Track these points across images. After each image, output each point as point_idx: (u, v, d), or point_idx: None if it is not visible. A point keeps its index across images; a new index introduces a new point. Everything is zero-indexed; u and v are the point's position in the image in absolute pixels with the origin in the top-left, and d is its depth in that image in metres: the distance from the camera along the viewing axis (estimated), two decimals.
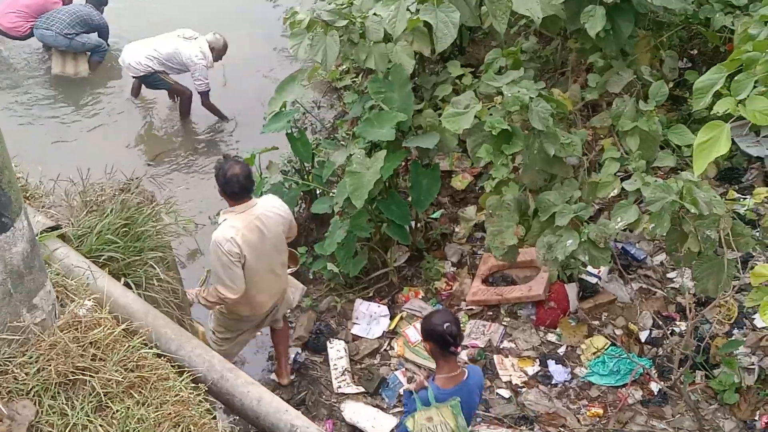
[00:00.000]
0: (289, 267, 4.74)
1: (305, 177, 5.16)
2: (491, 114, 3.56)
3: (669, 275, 4.76)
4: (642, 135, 3.61)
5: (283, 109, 4.87)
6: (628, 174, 3.52)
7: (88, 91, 7.26)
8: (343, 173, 4.45)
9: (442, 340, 3.02)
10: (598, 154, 4.04)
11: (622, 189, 3.45)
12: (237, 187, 3.68)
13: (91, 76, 7.38)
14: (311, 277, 5.15)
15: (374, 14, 4.29)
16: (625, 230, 4.24)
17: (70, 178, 3.27)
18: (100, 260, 2.97)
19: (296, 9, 4.61)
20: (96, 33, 7.36)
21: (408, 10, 4.07)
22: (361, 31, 4.37)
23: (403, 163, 4.97)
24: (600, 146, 4.11)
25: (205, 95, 6.59)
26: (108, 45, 7.42)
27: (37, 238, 2.28)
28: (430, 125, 4.46)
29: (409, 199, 4.74)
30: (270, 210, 3.84)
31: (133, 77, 6.73)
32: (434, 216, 5.33)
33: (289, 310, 4.61)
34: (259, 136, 5.75)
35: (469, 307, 4.79)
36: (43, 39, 7.27)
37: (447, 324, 3.01)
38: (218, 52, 6.58)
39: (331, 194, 4.72)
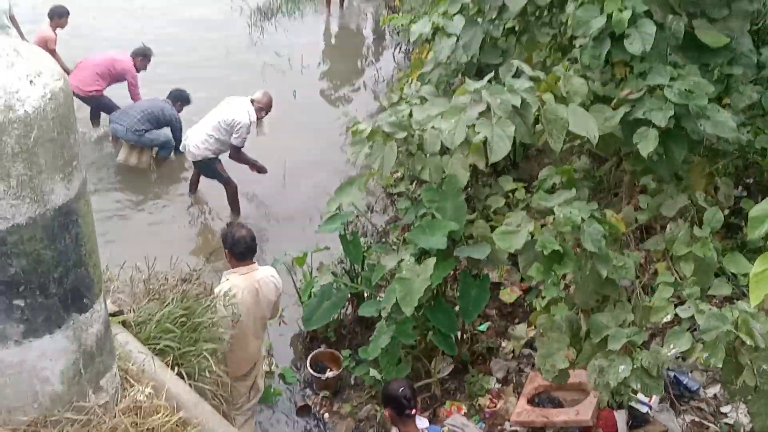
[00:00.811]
0: (330, 369, 4.83)
1: (354, 279, 5.31)
2: (543, 233, 3.69)
3: (723, 409, 4.64)
4: (697, 261, 3.67)
5: (339, 211, 5.11)
6: (681, 300, 3.56)
7: (151, 181, 7.71)
8: (392, 278, 4.58)
9: (399, 404, 3.53)
10: (652, 277, 4.10)
11: (676, 315, 3.47)
12: (243, 248, 4.21)
13: (155, 168, 7.86)
14: (352, 383, 5.19)
15: (432, 127, 4.57)
16: (677, 358, 4.21)
17: (136, 266, 3.49)
18: (157, 348, 3.13)
19: (359, 119, 4.95)
20: (168, 128, 7.86)
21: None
22: (418, 143, 4.63)
23: (452, 272, 5.09)
24: (653, 270, 4.17)
25: (237, 149, 6.90)
26: (178, 141, 7.77)
27: None
28: (481, 236, 4.60)
29: (457, 308, 4.82)
30: (268, 277, 4.36)
31: (193, 163, 7.11)
32: (481, 328, 5.37)
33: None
34: (312, 236, 6.01)
35: (513, 428, 4.73)
36: (115, 132, 7.82)
37: (402, 388, 3.55)
38: (264, 107, 6.97)
39: (378, 298, 4.84)
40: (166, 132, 7.86)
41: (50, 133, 1.94)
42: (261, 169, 7.19)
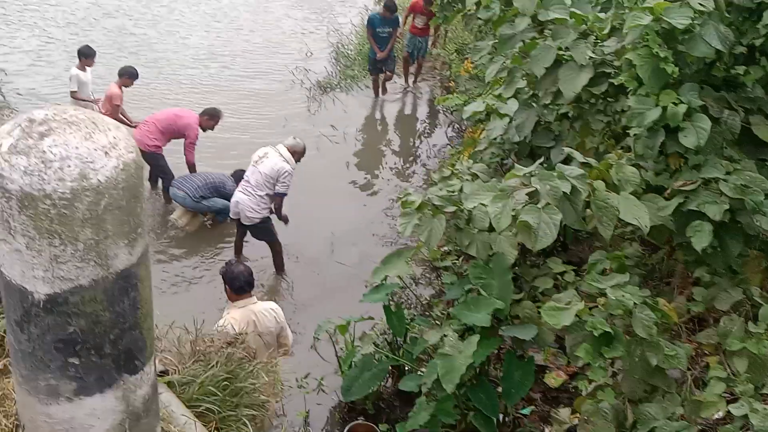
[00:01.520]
0: None
1: (396, 351, 5.25)
2: (593, 314, 3.61)
3: None
4: (751, 358, 3.54)
5: (384, 281, 5.11)
6: (734, 396, 3.42)
7: (203, 242, 7.88)
8: (434, 353, 4.52)
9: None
10: (703, 370, 3.95)
11: (728, 412, 3.33)
12: (242, 281, 4.68)
13: (209, 228, 8.04)
14: None
15: (481, 204, 4.58)
16: None
17: (185, 326, 3.54)
18: (198, 410, 3.13)
19: (410, 191, 5.00)
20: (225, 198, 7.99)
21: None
22: (467, 218, 4.64)
23: (496, 352, 4.99)
24: (705, 363, 4.02)
25: (283, 197, 7.02)
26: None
27: None
28: (527, 317, 4.53)
29: (499, 389, 4.70)
30: (266, 310, 4.75)
31: (249, 228, 7.18)
32: (524, 412, 5.21)
33: None
34: (356, 304, 6.00)
35: None
36: (174, 197, 8.03)
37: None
38: (299, 155, 7.12)
39: (419, 372, 4.76)
40: (224, 201, 8.00)
41: (119, 201, 2.03)
42: (285, 220, 7.28)
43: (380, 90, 11.73)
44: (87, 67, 9.11)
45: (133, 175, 2.07)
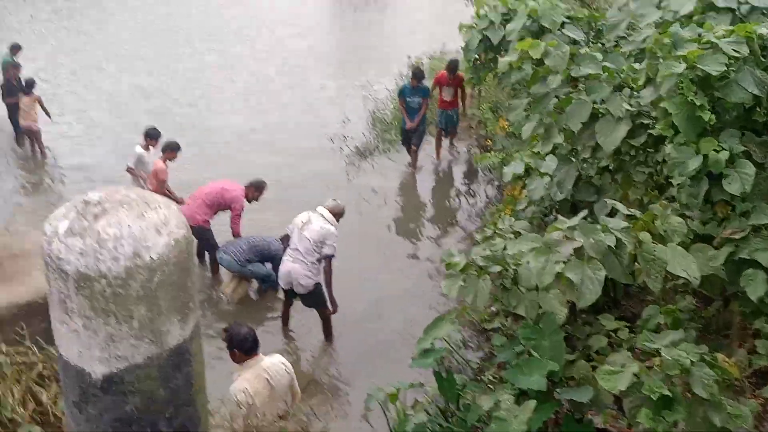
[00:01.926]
0: None
1: (449, 419, 5.17)
2: (650, 375, 3.53)
3: None
4: None
5: (432, 345, 5.07)
6: None
7: (248, 316, 7.97)
8: (489, 419, 4.44)
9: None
10: None
11: None
12: (250, 342, 4.79)
13: (255, 301, 8.14)
14: None
15: (527, 262, 4.57)
16: None
17: (238, 401, 3.57)
18: None
19: (453, 252, 5.02)
20: (271, 263, 8.14)
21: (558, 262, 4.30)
22: (513, 277, 4.63)
23: (554, 416, 4.87)
24: None
25: (331, 259, 7.08)
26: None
27: None
28: (583, 377, 4.43)
29: None
30: (276, 364, 4.88)
31: (301, 297, 7.24)
32: None
33: None
34: (405, 370, 5.96)
35: None
36: (221, 262, 8.21)
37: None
38: (339, 215, 7.25)
39: None
40: (267, 266, 8.18)
41: (171, 277, 2.12)
42: (334, 308, 7.32)
43: (413, 162, 11.68)
44: (151, 147, 9.52)
45: (183, 251, 2.17)
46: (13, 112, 11.97)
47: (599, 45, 5.91)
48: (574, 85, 5.00)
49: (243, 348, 4.77)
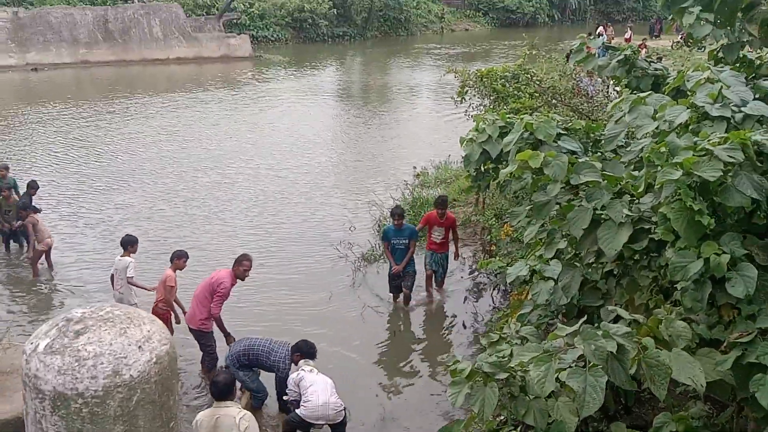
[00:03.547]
0: None
1: None
2: None
3: None
4: None
5: None
6: None
7: None
8: None
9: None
10: None
11: None
12: (218, 387, 5.83)
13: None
14: None
15: (523, 362, 4.49)
16: None
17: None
18: None
19: (458, 358, 4.95)
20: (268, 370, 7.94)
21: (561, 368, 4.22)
22: (521, 384, 4.54)
23: None
24: None
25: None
26: (279, 394, 7.77)
27: None
28: None
29: None
30: (229, 416, 5.58)
31: (332, 426, 7.12)
32: None
33: None
34: None
35: None
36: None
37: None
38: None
39: None
40: (260, 383, 7.91)
41: (152, 395, 2.09)
42: None
43: (405, 302, 10.63)
44: (132, 255, 9.60)
45: (166, 368, 2.16)
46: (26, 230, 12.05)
47: (598, 154, 6.07)
48: (575, 192, 5.11)
49: (211, 391, 6.00)
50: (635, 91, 6.56)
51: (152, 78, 31.61)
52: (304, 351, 7.63)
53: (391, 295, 10.70)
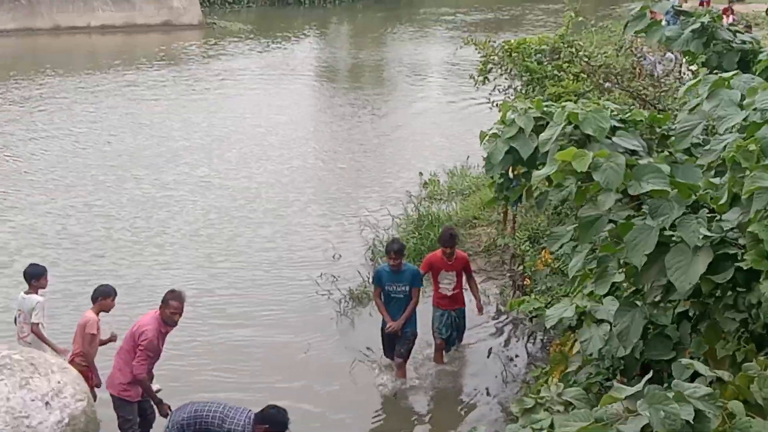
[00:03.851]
0: None
1: None
2: None
3: None
4: None
5: None
6: None
7: None
8: None
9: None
10: None
11: None
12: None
13: None
14: None
15: None
16: None
17: None
18: None
19: (481, 429, 4.98)
20: None
21: None
22: None
23: None
24: None
25: None
26: None
27: None
28: None
29: None
30: None
31: None
32: None
33: None
34: None
35: None
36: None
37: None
38: None
39: None
40: None
41: None
42: None
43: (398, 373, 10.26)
44: (40, 290, 9.51)
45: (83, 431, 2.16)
46: None
47: (666, 154, 6.11)
48: (636, 206, 5.15)
49: None
50: (716, 71, 6.63)
51: (67, 52, 31.80)
52: (272, 422, 7.51)
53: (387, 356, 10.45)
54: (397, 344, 10.12)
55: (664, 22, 7.27)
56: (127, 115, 22.61)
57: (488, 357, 10.72)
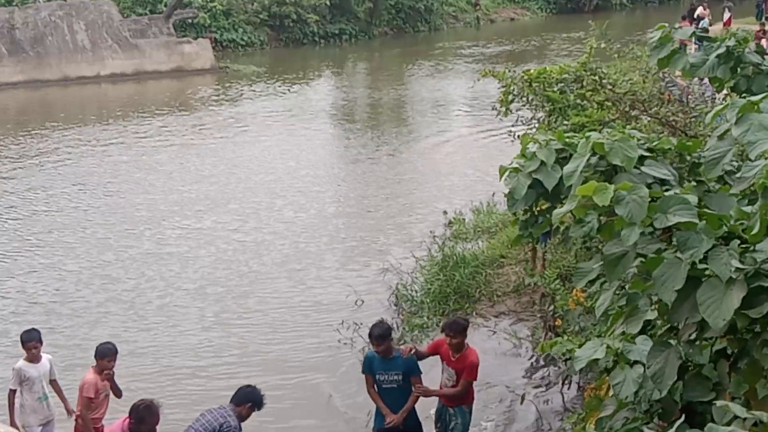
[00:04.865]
0: None
1: None
2: None
3: None
4: None
5: None
6: None
7: None
8: None
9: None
10: None
11: None
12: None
13: None
14: None
15: None
16: None
17: None
18: None
19: None
20: None
21: None
22: None
23: None
24: None
25: None
26: None
27: None
28: None
29: None
30: None
31: None
32: None
33: None
34: None
35: None
36: None
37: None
38: None
39: None
40: None
41: None
42: None
43: None
44: (35, 358, 9.37)
45: None
46: None
47: (695, 184, 6.06)
48: (666, 239, 5.09)
49: None
50: (745, 95, 6.58)
51: (76, 103, 32.29)
52: (253, 399, 8.12)
53: None
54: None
55: (692, 47, 7.24)
56: (133, 165, 22.86)
57: (521, 404, 10.58)
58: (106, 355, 9.00)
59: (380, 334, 8.90)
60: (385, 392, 9.05)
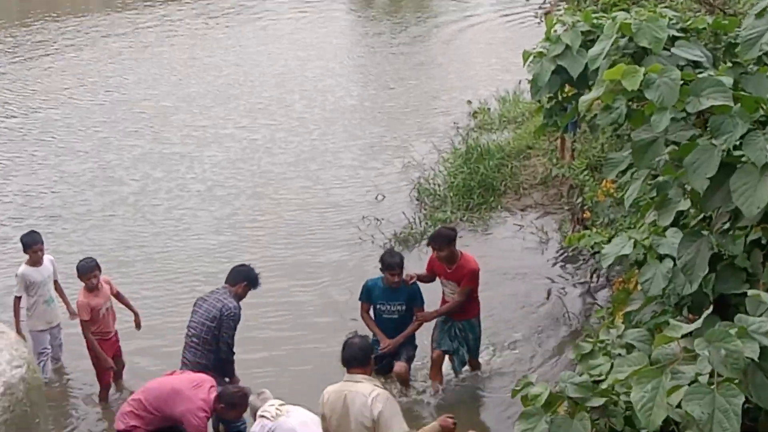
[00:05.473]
0: None
1: None
2: None
3: None
4: None
5: None
6: None
7: None
8: None
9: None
10: None
11: None
12: (348, 355, 6.59)
13: None
14: None
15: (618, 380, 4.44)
16: None
17: None
18: None
19: (531, 378, 4.93)
20: None
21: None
22: (625, 415, 4.50)
23: None
24: None
25: None
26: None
27: None
28: None
29: None
30: (363, 395, 6.32)
31: None
32: None
33: None
34: None
35: None
36: None
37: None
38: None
39: None
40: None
41: None
42: None
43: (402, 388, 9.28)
44: (38, 261, 9.48)
45: (21, 401, 2.12)
46: None
47: (731, 65, 5.94)
48: (701, 125, 5.01)
49: (343, 358, 6.71)
50: None
51: None
52: (249, 277, 8.58)
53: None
54: (396, 355, 9.16)
55: None
56: (135, 59, 22.71)
57: (547, 299, 10.68)
58: (85, 272, 8.94)
59: (398, 263, 8.90)
60: (385, 321, 9.11)
